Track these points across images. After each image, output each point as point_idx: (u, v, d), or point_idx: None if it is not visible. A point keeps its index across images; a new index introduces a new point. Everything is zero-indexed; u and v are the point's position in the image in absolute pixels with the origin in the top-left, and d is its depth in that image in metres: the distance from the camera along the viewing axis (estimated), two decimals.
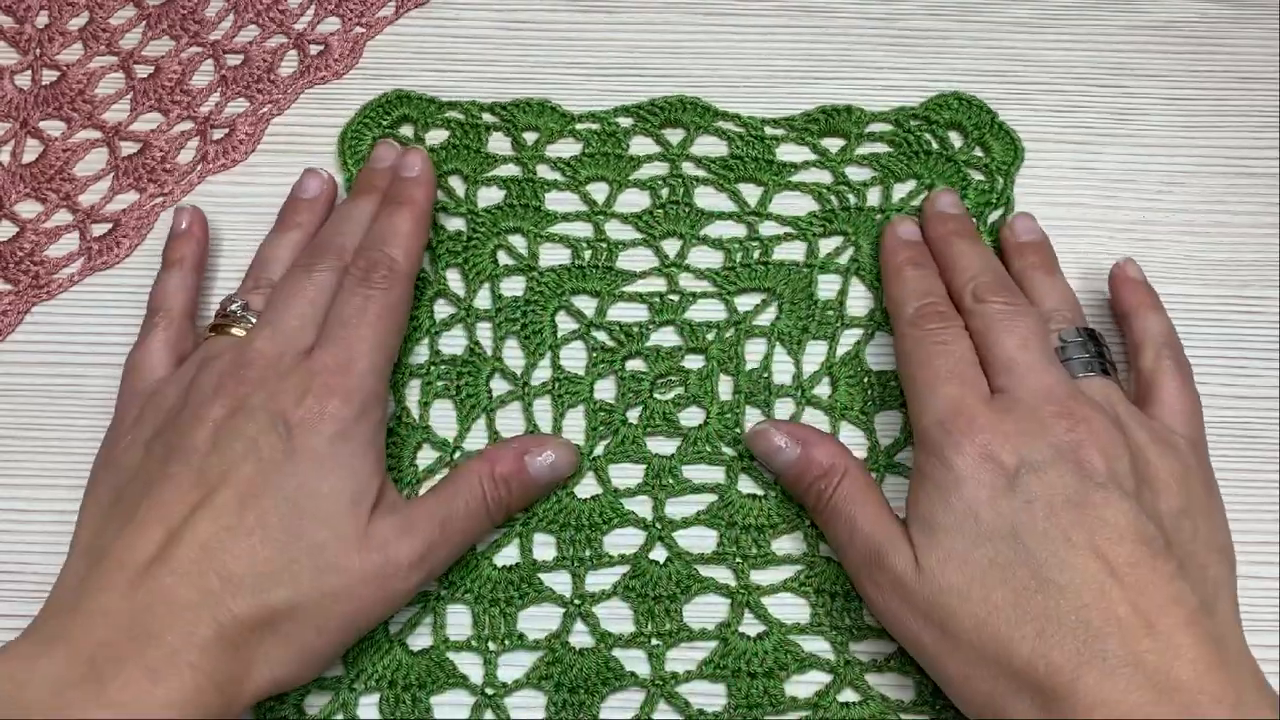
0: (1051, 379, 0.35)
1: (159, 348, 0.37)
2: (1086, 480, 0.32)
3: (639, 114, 0.43)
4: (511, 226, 0.41)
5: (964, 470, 0.33)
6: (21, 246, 0.41)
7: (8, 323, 0.40)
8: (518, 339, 0.40)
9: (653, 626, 0.36)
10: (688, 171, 0.42)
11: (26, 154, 0.43)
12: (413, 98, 0.43)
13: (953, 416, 0.34)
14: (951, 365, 0.35)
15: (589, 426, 0.39)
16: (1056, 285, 0.39)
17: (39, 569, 0.37)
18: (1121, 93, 0.44)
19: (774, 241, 0.41)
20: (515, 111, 0.43)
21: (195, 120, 0.43)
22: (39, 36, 0.45)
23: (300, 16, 0.45)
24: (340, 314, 0.36)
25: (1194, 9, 0.46)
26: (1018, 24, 0.45)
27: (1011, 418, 0.34)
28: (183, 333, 0.38)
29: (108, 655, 0.29)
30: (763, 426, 0.37)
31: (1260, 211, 0.42)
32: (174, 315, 0.38)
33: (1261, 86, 0.44)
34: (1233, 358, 0.40)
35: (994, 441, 0.33)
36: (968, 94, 0.43)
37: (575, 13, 0.45)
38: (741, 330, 0.40)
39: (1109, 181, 0.43)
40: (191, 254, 0.39)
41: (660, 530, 0.37)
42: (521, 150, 0.43)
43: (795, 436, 0.36)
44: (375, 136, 0.43)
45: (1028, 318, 0.36)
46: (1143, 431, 0.34)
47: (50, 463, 0.38)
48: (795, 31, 0.45)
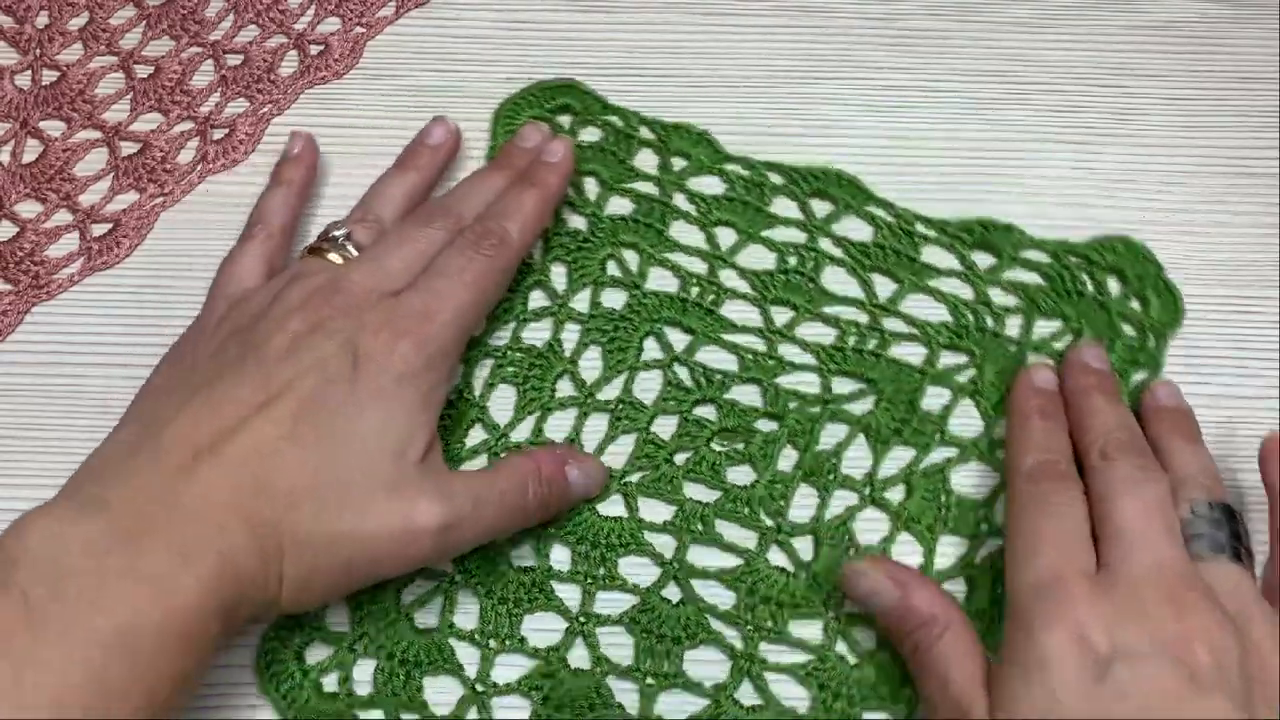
0: (1165, 556, 0.32)
1: (253, 258, 0.37)
2: (1188, 680, 0.29)
3: (792, 175, 0.42)
4: (629, 240, 0.41)
5: (1051, 651, 0.30)
6: (21, 246, 0.41)
7: (8, 323, 0.40)
8: (601, 350, 0.40)
9: (651, 664, 0.36)
10: (823, 247, 0.41)
11: (26, 154, 0.43)
12: (581, 91, 0.43)
13: (1048, 587, 0.31)
14: (1059, 532, 0.33)
15: (633, 454, 0.38)
16: (1198, 454, 0.35)
17: None
18: (1121, 93, 0.44)
19: (894, 339, 0.40)
20: (672, 133, 0.42)
21: (195, 120, 0.43)
22: (39, 36, 0.45)
23: (300, 16, 0.45)
24: (439, 266, 0.36)
25: (1194, 9, 0.46)
26: (1018, 24, 0.45)
27: (1111, 597, 0.31)
28: (279, 248, 0.38)
29: (144, 529, 0.29)
30: (861, 566, 0.34)
31: (1260, 211, 0.42)
32: (273, 229, 0.38)
33: (1261, 86, 0.44)
34: (1233, 358, 0.40)
35: (1088, 622, 0.30)
36: (1137, 241, 0.41)
37: (575, 13, 0.45)
38: (828, 410, 0.39)
39: (1109, 181, 0.43)
40: (300, 177, 0.40)
41: (677, 570, 0.37)
42: (665, 173, 0.42)
43: (897, 580, 0.34)
44: (531, 116, 0.43)
45: (1156, 485, 0.33)
46: (1268, 626, 0.31)
47: (50, 463, 0.38)
48: (795, 31, 0.45)
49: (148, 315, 0.40)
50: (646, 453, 0.38)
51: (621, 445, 0.39)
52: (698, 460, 0.38)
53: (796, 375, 0.39)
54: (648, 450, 0.38)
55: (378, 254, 0.36)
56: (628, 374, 0.39)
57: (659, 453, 0.38)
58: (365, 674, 0.35)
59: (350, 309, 0.34)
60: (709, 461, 0.38)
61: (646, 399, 0.39)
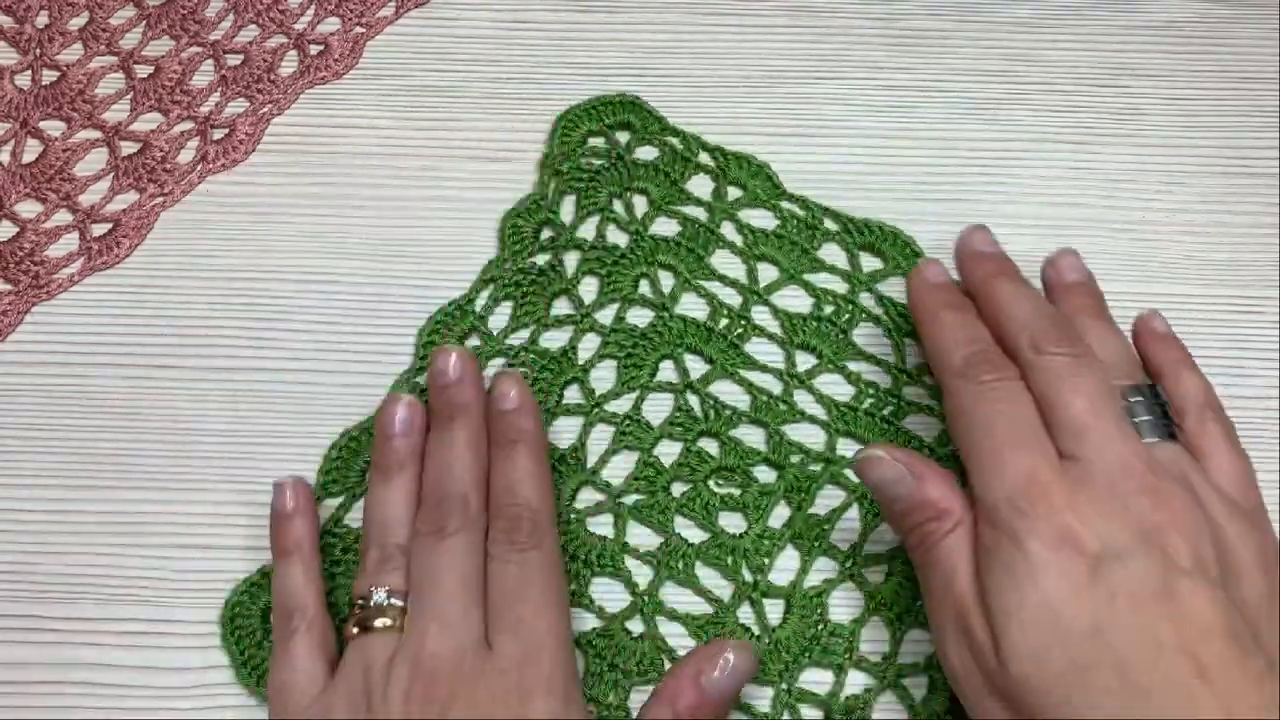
0: (1128, 448, 0.31)
1: (307, 658, 0.33)
2: (1172, 568, 0.30)
3: (846, 224, 0.41)
4: (666, 262, 0.41)
5: (1041, 557, 0.30)
6: (21, 246, 0.41)
7: (8, 323, 0.40)
8: (616, 364, 0.40)
9: (598, 691, 0.35)
10: (862, 301, 0.40)
11: (26, 154, 0.43)
12: (643, 109, 0.43)
13: (1024, 492, 0.31)
14: (1017, 429, 0.32)
15: (633, 474, 0.38)
16: (1110, 333, 0.36)
17: (39, 569, 0.37)
18: (1121, 92, 0.44)
19: (911, 408, 0.39)
20: (731, 162, 0.42)
21: (195, 120, 0.43)
22: (39, 36, 0.45)
23: (300, 16, 0.45)
24: (504, 590, 0.33)
25: (1194, 9, 0.46)
26: (1018, 24, 0.45)
27: (1088, 494, 0.31)
28: (325, 632, 0.34)
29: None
30: (878, 453, 0.33)
31: (1260, 211, 0.42)
32: (311, 614, 0.33)
33: (1261, 86, 0.44)
34: (1233, 358, 0.40)
35: (1073, 524, 0.30)
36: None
37: (575, 13, 0.45)
38: (828, 470, 0.38)
39: (1109, 181, 0.43)
40: (308, 537, 0.35)
41: (646, 604, 0.36)
42: (718, 200, 0.42)
43: (913, 469, 0.33)
44: (591, 129, 0.42)
45: (1094, 373, 0.33)
46: (1220, 505, 0.32)
47: (50, 463, 0.38)
48: (795, 31, 0.45)
49: (148, 315, 0.40)
50: (646, 475, 0.38)
51: (621, 461, 0.38)
52: (694, 495, 0.38)
53: (804, 427, 0.39)
54: (647, 474, 0.38)
55: (431, 605, 0.32)
56: (639, 392, 0.39)
57: (658, 478, 0.38)
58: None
59: (458, 693, 0.31)
60: (704, 500, 0.38)
61: (654, 420, 0.39)
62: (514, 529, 0.33)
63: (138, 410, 0.39)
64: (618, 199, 0.42)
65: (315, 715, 0.32)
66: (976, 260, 0.37)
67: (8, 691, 0.36)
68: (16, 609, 0.36)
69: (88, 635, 0.36)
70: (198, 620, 0.36)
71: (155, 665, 0.36)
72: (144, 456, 0.38)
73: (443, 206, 0.42)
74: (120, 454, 0.38)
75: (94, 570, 0.37)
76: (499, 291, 0.40)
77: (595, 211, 0.41)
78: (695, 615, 0.36)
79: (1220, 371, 0.40)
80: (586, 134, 0.43)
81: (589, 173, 0.42)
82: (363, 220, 0.42)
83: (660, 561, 0.37)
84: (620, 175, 0.42)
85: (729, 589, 0.37)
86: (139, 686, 0.36)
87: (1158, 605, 0.29)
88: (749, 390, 0.39)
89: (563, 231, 0.41)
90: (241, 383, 0.39)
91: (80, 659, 0.36)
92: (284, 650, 0.33)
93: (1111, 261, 0.41)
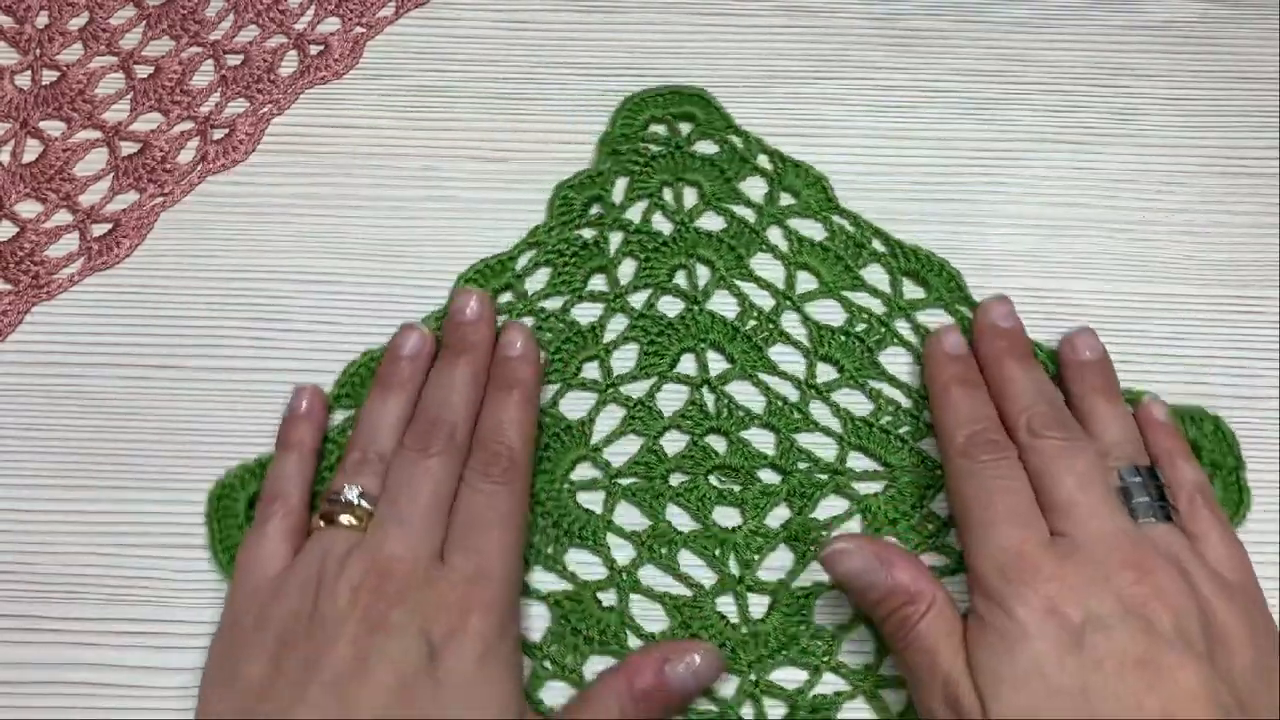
0: (1115, 525, 0.33)
1: (277, 540, 0.35)
2: (1156, 639, 0.30)
3: (895, 247, 0.41)
4: (706, 256, 0.41)
5: (1028, 623, 0.31)
6: (21, 246, 0.41)
7: (8, 323, 0.40)
8: (639, 348, 0.40)
9: (557, 650, 0.36)
10: (896, 326, 0.40)
11: (26, 154, 0.43)
12: (711, 104, 0.43)
13: (1014, 564, 0.32)
14: (1009, 505, 0.33)
15: (634, 459, 0.38)
16: (1118, 415, 0.36)
17: (39, 569, 0.37)
18: (1122, 92, 0.44)
19: (928, 430, 0.38)
20: (789, 169, 0.42)
21: (195, 120, 0.43)
22: (39, 36, 0.45)
23: (300, 16, 0.45)
24: (468, 513, 0.34)
25: (1194, 9, 0.46)
26: (1018, 24, 0.45)
27: (1074, 567, 0.32)
28: (301, 522, 0.35)
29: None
30: (842, 546, 0.33)
31: (1260, 211, 0.42)
32: (293, 503, 0.35)
33: (1261, 86, 0.44)
34: (1233, 358, 0.40)
35: (1059, 594, 0.31)
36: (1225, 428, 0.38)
37: (575, 13, 0.45)
38: (834, 481, 0.38)
39: (1109, 181, 0.43)
40: (310, 437, 0.37)
41: (622, 580, 0.37)
42: (770, 204, 0.42)
43: (880, 557, 0.33)
44: (655, 115, 0.43)
45: (1087, 455, 0.34)
46: (1210, 583, 0.32)
47: (50, 463, 0.38)
48: (795, 31, 0.45)
49: (148, 315, 0.40)
50: (647, 461, 0.38)
51: (626, 444, 0.39)
52: (691, 487, 0.38)
53: (816, 437, 0.39)
54: (649, 459, 0.38)
55: (399, 512, 0.34)
56: (656, 380, 0.39)
57: (659, 466, 0.38)
58: None
59: (405, 594, 0.32)
60: (701, 492, 0.38)
61: (666, 410, 0.39)
62: (491, 463, 0.35)
63: (138, 410, 0.39)
64: (669, 187, 0.42)
65: (267, 591, 0.33)
66: (991, 335, 0.38)
67: (8, 691, 0.36)
68: (16, 609, 0.36)
69: (88, 635, 0.36)
70: (198, 620, 0.36)
71: (155, 665, 0.36)
72: (144, 456, 0.38)
73: (443, 206, 0.42)
74: (120, 454, 0.38)
75: (94, 570, 0.37)
76: (540, 256, 0.41)
77: (645, 196, 0.42)
78: (674, 596, 0.37)
79: (1220, 371, 0.40)
80: (649, 119, 0.43)
81: (645, 157, 0.42)
82: (363, 220, 0.42)
83: (643, 543, 0.37)
84: (676, 164, 0.42)
85: (713, 579, 0.37)
86: (139, 686, 0.36)
87: (1141, 673, 0.30)
88: (765, 393, 0.39)
89: (611, 210, 0.41)
90: (241, 383, 0.39)
91: (80, 659, 0.36)
92: (258, 529, 0.35)
93: (1111, 261, 0.41)
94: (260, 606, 0.33)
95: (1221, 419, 0.38)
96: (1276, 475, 0.38)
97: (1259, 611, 0.33)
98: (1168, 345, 0.40)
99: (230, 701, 0.32)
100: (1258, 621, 0.33)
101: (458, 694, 0.31)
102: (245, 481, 0.37)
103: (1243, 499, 0.38)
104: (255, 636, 0.32)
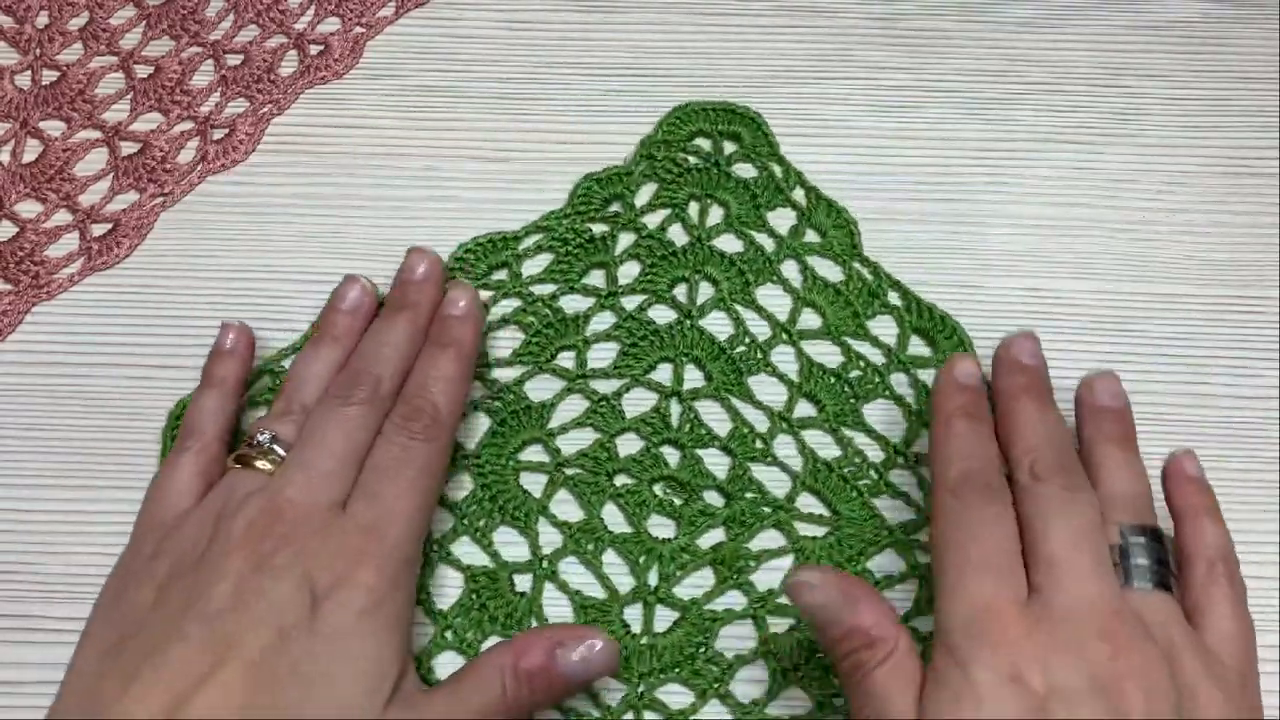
0: (1097, 589, 0.30)
1: (188, 475, 0.34)
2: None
3: (910, 302, 0.40)
4: (713, 275, 0.40)
5: (986, 688, 0.29)
6: (21, 246, 0.41)
7: (8, 323, 0.40)
8: (619, 348, 0.40)
9: (461, 622, 0.36)
10: (892, 380, 0.39)
11: (26, 154, 0.43)
12: (759, 127, 0.42)
13: (981, 620, 0.30)
14: (986, 556, 0.31)
15: (585, 451, 0.38)
16: (1131, 467, 0.34)
17: (39, 569, 0.37)
18: (1122, 93, 0.44)
19: (888, 489, 0.38)
20: (822, 207, 0.41)
21: (195, 120, 0.43)
22: (39, 36, 0.45)
23: (300, 16, 0.45)
24: (378, 464, 0.34)
25: (1196, 9, 0.46)
26: (1018, 24, 0.45)
27: (1045, 630, 0.30)
28: (215, 459, 0.35)
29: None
30: (807, 577, 0.32)
31: (1260, 211, 0.42)
32: (207, 440, 0.35)
33: (1262, 86, 0.44)
34: (1233, 358, 0.40)
35: (1022, 661, 0.29)
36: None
37: (576, 13, 0.45)
38: (779, 517, 0.37)
39: (1109, 181, 0.43)
40: (234, 374, 0.37)
41: (539, 568, 0.37)
42: (793, 238, 0.41)
43: (847, 594, 0.31)
44: (701, 128, 0.42)
45: (1085, 509, 0.32)
46: (1197, 663, 0.30)
47: (50, 463, 0.38)
48: (795, 31, 0.45)
49: (148, 315, 0.40)
50: (597, 456, 0.38)
51: (580, 436, 0.39)
52: (633, 491, 0.38)
53: (772, 471, 0.38)
54: (599, 455, 0.38)
55: (307, 457, 0.33)
56: (629, 382, 0.39)
57: (606, 463, 0.38)
58: None
59: (295, 537, 0.31)
60: (640, 498, 0.38)
61: (630, 412, 0.39)
62: (412, 418, 0.34)
63: (138, 410, 0.39)
64: (696, 201, 0.42)
65: (170, 525, 0.33)
66: (1010, 370, 0.36)
67: (8, 691, 0.36)
68: (17, 609, 0.36)
69: None
70: None
71: None
72: (144, 456, 0.38)
73: (444, 207, 0.42)
74: (120, 454, 0.38)
75: (94, 570, 0.37)
76: (545, 241, 0.41)
77: (669, 205, 0.41)
78: (584, 595, 0.36)
79: (1220, 371, 0.40)
80: (695, 132, 0.43)
81: (680, 168, 0.42)
82: (363, 220, 0.42)
83: (571, 535, 0.37)
84: (709, 180, 0.42)
85: (630, 584, 0.37)
86: None
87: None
88: (734, 418, 0.39)
89: (629, 211, 0.41)
90: None
91: None
92: (170, 464, 0.35)
93: (1112, 261, 0.41)
94: (159, 539, 0.33)
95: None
96: (1276, 475, 0.38)
97: (1247, 701, 0.31)
98: (1168, 345, 0.40)
99: (111, 625, 0.32)
100: (1243, 711, 0.30)
101: (333, 645, 0.30)
102: None
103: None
104: (149, 565, 0.32)
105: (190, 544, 0.32)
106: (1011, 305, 0.41)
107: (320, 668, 0.30)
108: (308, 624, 0.30)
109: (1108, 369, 0.37)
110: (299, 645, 0.30)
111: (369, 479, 0.33)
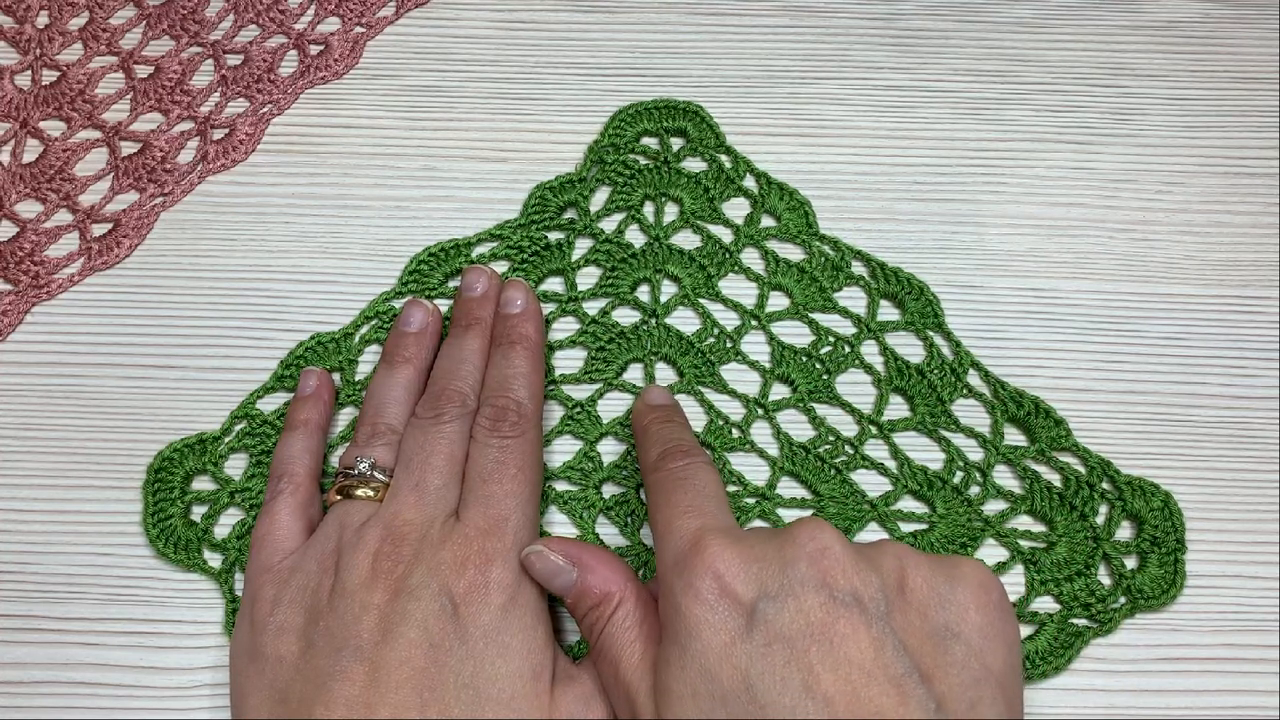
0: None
1: (288, 517, 0.35)
2: (830, 601, 0.28)
3: (876, 269, 0.40)
4: (674, 273, 0.41)
5: (696, 617, 0.29)
6: (21, 246, 0.41)
7: (8, 323, 0.40)
8: (587, 354, 0.40)
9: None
10: (863, 350, 0.40)
11: (26, 154, 0.43)
12: (703, 121, 0.42)
13: (686, 551, 0.30)
14: (693, 499, 0.32)
15: (570, 463, 0.38)
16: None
17: (39, 569, 0.37)
18: (1122, 92, 0.44)
19: (865, 462, 0.38)
20: (774, 191, 0.42)
21: (195, 120, 0.43)
22: (39, 36, 0.45)
23: (300, 16, 0.45)
24: (480, 468, 0.34)
25: (1195, 9, 0.46)
26: (1018, 24, 0.45)
27: (750, 541, 0.30)
28: (310, 498, 0.36)
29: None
30: (538, 548, 0.33)
31: (1260, 211, 0.42)
32: (300, 480, 0.36)
33: (1261, 86, 0.44)
34: (1233, 358, 0.40)
35: (728, 572, 0.29)
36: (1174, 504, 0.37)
37: (575, 13, 0.45)
38: (759, 507, 0.38)
39: (1109, 181, 0.43)
40: (318, 415, 0.38)
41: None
42: (749, 225, 0.41)
43: (572, 557, 0.33)
44: (647, 128, 0.42)
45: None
46: (894, 560, 0.30)
47: (50, 463, 0.38)
48: (795, 31, 0.45)
49: (148, 315, 0.40)
50: (583, 468, 0.38)
51: (562, 445, 0.39)
52: (623, 500, 0.38)
53: (751, 459, 0.38)
54: (584, 466, 0.38)
55: (414, 478, 0.34)
56: (602, 386, 0.39)
57: (594, 475, 0.38)
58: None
59: (421, 555, 0.32)
60: (631, 508, 0.38)
61: (605, 417, 0.39)
62: (499, 418, 0.36)
63: (138, 410, 0.39)
64: (650, 201, 0.42)
65: (288, 567, 0.34)
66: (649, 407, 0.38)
67: (8, 691, 0.36)
68: (16, 609, 0.36)
69: (88, 635, 0.36)
70: (198, 620, 0.36)
71: (155, 665, 0.36)
72: (144, 456, 0.38)
73: (442, 206, 0.42)
74: (120, 454, 0.38)
75: (94, 570, 0.37)
76: (500, 249, 0.41)
77: (624, 208, 0.41)
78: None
79: (1220, 371, 0.40)
80: (641, 132, 0.43)
81: (631, 169, 0.42)
82: (362, 220, 0.42)
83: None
84: (660, 179, 0.42)
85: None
86: (139, 686, 0.36)
87: (814, 648, 0.28)
88: (708, 411, 0.39)
89: (585, 217, 0.41)
90: (241, 383, 0.39)
91: (80, 659, 0.36)
92: (268, 508, 0.36)
93: (1111, 261, 0.41)
94: (278, 585, 0.33)
95: (1173, 497, 0.37)
96: (1276, 475, 0.38)
97: (981, 581, 0.30)
98: (1168, 345, 0.40)
99: (265, 684, 0.31)
100: (954, 577, 0.30)
101: (486, 644, 0.31)
102: (184, 456, 0.38)
103: (1176, 581, 0.36)
104: (280, 616, 0.32)
105: (316, 585, 0.33)
106: (1010, 305, 0.41)
107: (482, 670, 0.31)
108: (457, 633, 0.31)
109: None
110: (455, 655, 0.31)
111: (475, 484, 0.34)
